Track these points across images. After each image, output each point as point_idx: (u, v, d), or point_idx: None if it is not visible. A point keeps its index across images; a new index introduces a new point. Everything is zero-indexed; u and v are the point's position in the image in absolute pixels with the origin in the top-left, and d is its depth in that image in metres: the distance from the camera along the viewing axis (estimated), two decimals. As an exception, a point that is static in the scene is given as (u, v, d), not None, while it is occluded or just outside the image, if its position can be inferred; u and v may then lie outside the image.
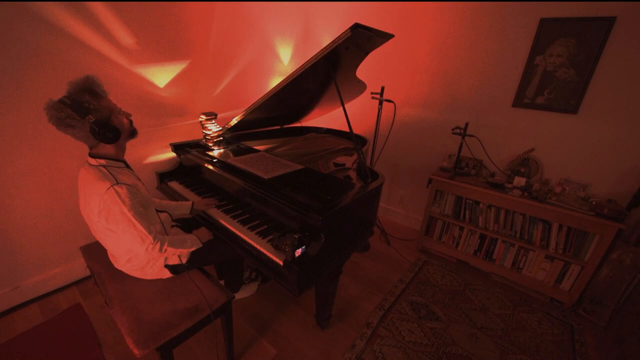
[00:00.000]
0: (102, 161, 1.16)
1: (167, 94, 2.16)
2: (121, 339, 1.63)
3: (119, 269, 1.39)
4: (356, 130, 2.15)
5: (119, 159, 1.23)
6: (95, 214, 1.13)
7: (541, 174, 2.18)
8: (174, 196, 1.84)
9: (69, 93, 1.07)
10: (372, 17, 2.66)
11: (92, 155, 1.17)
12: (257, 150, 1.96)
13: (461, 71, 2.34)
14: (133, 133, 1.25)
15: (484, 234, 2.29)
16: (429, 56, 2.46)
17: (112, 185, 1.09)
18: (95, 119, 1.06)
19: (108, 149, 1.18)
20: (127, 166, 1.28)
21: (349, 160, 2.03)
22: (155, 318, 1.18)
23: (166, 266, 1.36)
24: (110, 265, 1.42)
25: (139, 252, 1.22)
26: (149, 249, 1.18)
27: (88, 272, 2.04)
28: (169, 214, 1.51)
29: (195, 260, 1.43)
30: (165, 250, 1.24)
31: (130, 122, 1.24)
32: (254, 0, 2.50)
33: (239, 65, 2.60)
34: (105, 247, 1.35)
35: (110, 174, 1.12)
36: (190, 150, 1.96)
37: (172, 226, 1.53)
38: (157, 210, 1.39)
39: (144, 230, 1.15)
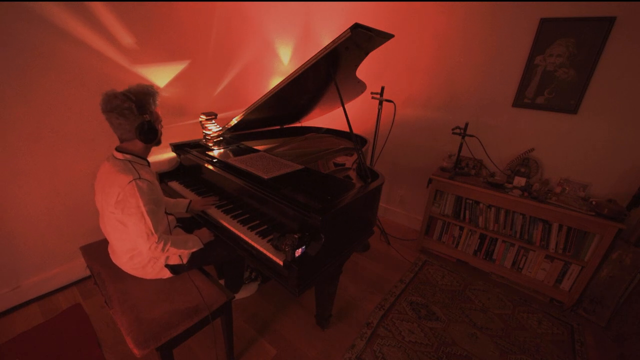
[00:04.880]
0: (129, 156, 1.23)
1: (167, 94, 2.16)
2: (121, 339, 1.63)
3: (119, 265, 1.39)
4: (356, 130, 2.15)
5: (143, 157, 1.30)
6: (111, 204, 1.17)
7: (541, 174, 2.18)
8: (174, 196, 1.84)
9: (133, 92, 1.17)
10: (372, 17, 2.66)
11: (119, 150, 1.25)
12: (257, 150, 1.96)
13: (461, 71, 2.34)
14: (159, 142, 1.34)
15: (484, 234, 2.29)
16: (429, 56, 2.46)
17: (134, 179, 1.15)
18: (148, 121, 1.20)
19: (138, 146, 1.26)
20: (149, 165, 1.34)
21: (349, 160, 2.03)
22: (155, 318, 1.18)
23: (167, 266, 1.36)
24: (110, 265, 1.42)
25: (143, 249, 1.24)
26: (152, 247, 1.21)
27: (88, 272, 2.03)
28: (174, 215, 1.52)
29: (196, 260, 1.43)
30: (168, 250, 1.26)
31: (161, 132, 1.33)
32: (254, 0, 2.50)
33: (239, 65, 2.60)
34: (109, 241, 1.36)
35: (135, 168, 1.20)
36: (190, 150, 1.96)
37: (175, 226, 1.53)
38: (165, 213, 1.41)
39: (151, 228, 1.19)
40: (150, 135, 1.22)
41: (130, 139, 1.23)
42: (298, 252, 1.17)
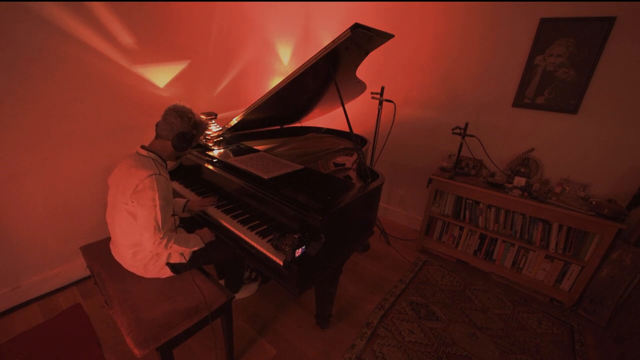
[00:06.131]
0: (153, 155, 1.33)
1: (167, 94, 2.16)
2: (121, 339, 1.63)
3: (120, 262, 1.40)
4: (356, 130, 2.15)
5: (164, 159, 1.39)
6: (127, 195, 1.23)
7: (541, 174, 2.18)
8: (174, 196, 1.84)
9: (198, 116, 1.40)
10: (372, 17, 2.66)
11: (145, 148, 1.34)
12: (257, 150, 1.96)
13: (461, 71, 2.34)
14: (178, 159, 1.50)
15: (484, 234, 2.29)
16: (429, 56, 2.46)
17: (154, 174, 1.23)
18: (192, 135, 1.37)
19: (167, 149, 1.36)
20: (166, 168, 1.41)
21: (349, 160, 2.03)
22: (155, 318, 1.18)
23: (168, 264, 1.37)
24: (110, 265, 1.42)
25: (147, 245, 1.25)
26: (156, 242, 1.23)
27: (88, 272, 2.03)
28: (177, 215, 1.53)
29: (196, 259, 1.44)
30: (171, 247, 1.28)
31: (184, 154, 1.49)
32: (254, 0, 2.50)
33: (239, 65, 2.60)
34: (114, 235, 1.38)
35: (156, 165, 1.29)
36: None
37: (177, 226, 1.54)
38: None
39: (159, 224, 1.23)
40: (184, 144, 1.35)
41: (166, 138, 1.33)
42: (298, 252, 1.17)
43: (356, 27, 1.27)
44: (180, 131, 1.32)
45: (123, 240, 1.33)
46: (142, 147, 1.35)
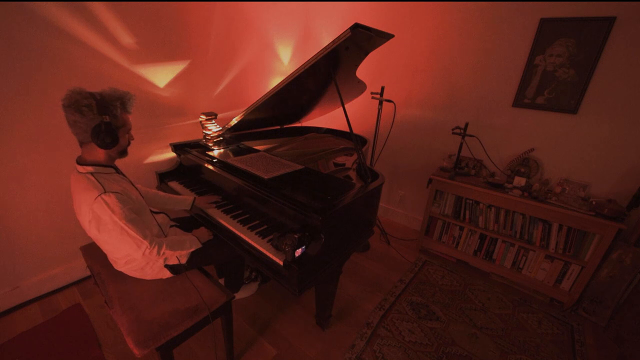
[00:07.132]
0: (90, 168, 1.14)
1: (167, 94, 2.16)
2: (121, 339, 1.63)
3: (119, 270, 1.39)
4: (356, 130, 2.15)
5: (108, 164, 1.21)
6: (86, 222, 1.14)
7: (541, 174, 2.18)
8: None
9: (104, 93, 1.10)
10: (372, 17, 2.66)
11: (80, 162, 1.16)
12: (257, 150, 1.96)
13: (461, 71, 2.34)
14: (123, 152, 1.24)
15: (484, 234, 2.29)
16: (429, 56, 2.46)
17: (99, 195, 1.07)
18: (107, 123, 1.08)
19: (99, 154, 1.16)
20: (118, 171, 1.26)
21: (349, 160, 2.03)
22: (155, 318, 1.18)
23: (166, 266, 1.36)
24: (110, 265, 1.42)
25: (137, 258, 1.22)
26: (145, 253, 1.18)
27: (88, 272, 2.04)
28: (166, 214, 1.52)
29: (195, 260, 1.43)
30: (164, 253, 1.25)
31: (129, 143, 1.25)
32: (254, 0, 2.50)
33: (239, 65, 2.60)
34: (104, 251, 1.35)
35: (98, 181, 1.11)
36: (190, 150, 1.96)
37: (171, 226, 1.53)
38: (154, 212, 1.40)
39: (138, 237, 1.15)
40: (107, 139, 1.08)
41: (86, 141, 1.12)
42: (298, 252, 1.17)
43: (356, 27, 1.27)
44: (91, 127, 1.06)
45: (113, 253, 1.30)
46: (78, 160, 1.16)
